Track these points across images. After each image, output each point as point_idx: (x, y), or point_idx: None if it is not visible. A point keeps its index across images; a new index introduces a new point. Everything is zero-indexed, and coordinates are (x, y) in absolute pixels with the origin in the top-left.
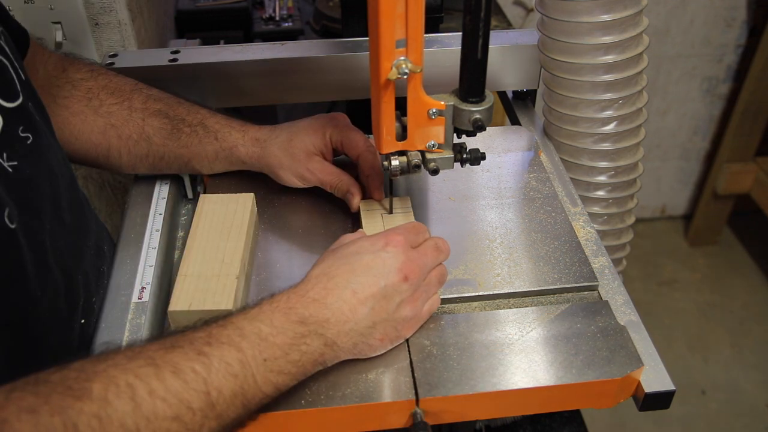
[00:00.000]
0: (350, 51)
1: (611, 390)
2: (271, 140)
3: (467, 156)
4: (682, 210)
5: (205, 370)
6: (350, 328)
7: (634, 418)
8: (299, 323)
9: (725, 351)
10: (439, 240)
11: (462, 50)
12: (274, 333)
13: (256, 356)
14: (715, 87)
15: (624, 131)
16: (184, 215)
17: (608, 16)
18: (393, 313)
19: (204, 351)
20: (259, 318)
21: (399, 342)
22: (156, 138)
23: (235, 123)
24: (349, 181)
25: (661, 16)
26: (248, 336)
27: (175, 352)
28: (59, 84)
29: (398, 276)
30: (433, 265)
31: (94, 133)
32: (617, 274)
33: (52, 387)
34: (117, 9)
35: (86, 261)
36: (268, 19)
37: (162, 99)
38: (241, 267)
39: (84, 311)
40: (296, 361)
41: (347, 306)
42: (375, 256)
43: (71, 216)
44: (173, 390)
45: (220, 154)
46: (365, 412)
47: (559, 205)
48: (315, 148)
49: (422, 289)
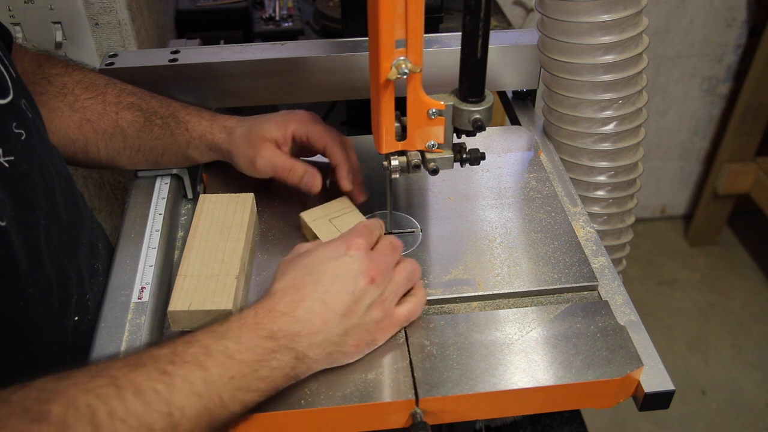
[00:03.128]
0: (350, 51)
1: (611, 390)
2: (236, 128)
3: (467, 156)
4: (682, 210)
5: (168, 390)
6: (322, 339)
7: (634, 418)
8: (268, 338)
9: (725, 351)
10: (392, 238)
11: (462, 50)
12: (241, 350)
13: (222, 374)
14: (715, 87)
15: (624, 131)
16: (183, 215)
17: (608, 16)
18: (363, 318)
19: (167, 370)
20: (227, 335)
21: (375, 346)
22: (130, 131)
23: (205, 113)
24: (304, 166)
25: (661, 16)
26: (214, 354)
27: (138, 372)
28: (35, 80)
29: (365, 279)
30: (393, 263)
31: (70, 128)
32: (617, 274)
33: (11, 408)
34: (117, 9)
35: (80, 258)
36: (268, 19)
37: (135, 93)
38: (241, 267)
39: (77, 308)
40: (266, 378)
41: (318, 317)
42: (339, 262)
43: (67, 213)
44: (134, 412)
45: (192, 143)
46: (365, 412)
47: (559, 205)
48: (271, 136)
49: (389, 290)
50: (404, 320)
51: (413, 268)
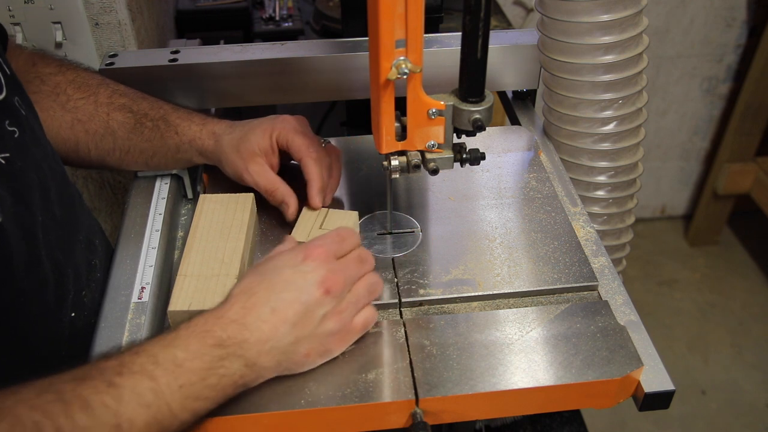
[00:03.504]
0: (350, 51)
1: (611, 390)
2: (225, 135)
3: (467, 156)
4: (682, 210)
5: (116, 402)
6: (271, 347)
7: (634, 418)
8: (216, 346)
9: (725, 351)
10: (363, 251)
11: (462, 50)
12: (189, 358)
13: (171, 383)
14: (715, 87)
15: (624, 131)
16: (183, 215)
17: (608, 16)
18: (317, 328)
19: (114, 382)
20: (175, 344)
21: (330, 356)
22: (120, 132)
23: (195, 117)
24: (285, 191)
25: (661, 16)
26: (162, 363)
27: (84, 385)
28: (29, 79)
29: (319, 290)
30: (357, 276)
31: (62, 128)
32: (617, 274)
33: None
34: (117, 9)
35: (76, 254)
36: (268, 19)
37: (127, 94)
38: (241, 267)
39: (74, 304)
40: (215, 385)
41: (267, 325)
42: (294, 270)
43: (61, 209)
44: (81, 427)
45: (181, 147)
46: (365, 412)
47: (559, 205)
48: (260, 149)
49: (348, 301)
50: (361, 329)
51: (375, 281)
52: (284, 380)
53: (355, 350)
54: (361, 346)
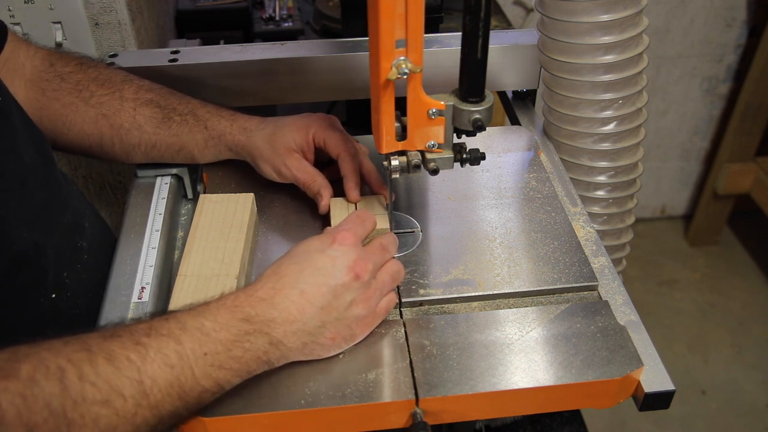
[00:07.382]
0: (350, 51)
1: (611, 390)
2: (257, 131)
3: (467, 156)
4: (682, 210)
5: (140, 359)
6: (297, 328)
7: (634, 418)
8: (244, 321)
9: (725, 351)
10: (384, 239)
11: (462, 50)
12: (216, 328)
13: (196, 349)
14: (715, 87)
15: (624, 131)
16: (184, 215)
17: (608, 16)
18: (344, 312)
19: (142, 341)
20: (204, 314)
21: (354, 341)
22: (147, 126)
23: (224, 112)
24: (322, 183)
25: (661, 16)
26: (189, 330)
27: (112, 341)
28: (48, 78)
29: (349, 275)
30: (381, 262)
31: (86, 122)
32: (617, 274)
33: None
34: (117, 9)
35: (58, 235)
36: (268, 19)
37: (153, 89)
38: (241, 267)
39: (54, 285)
40: (239, 358)
41: (294, 306)
42: (324, 255)
43: (44, 192)
44: (104, 375)
45: (210, 142)
46: (365, 412)
47: (559, 205)
48: (296, 145)
49: (374, 287)
50: (384, 313)
51: (398, 269)
52: (284, 380)
53: (355, 350)
54: (362, 346)
